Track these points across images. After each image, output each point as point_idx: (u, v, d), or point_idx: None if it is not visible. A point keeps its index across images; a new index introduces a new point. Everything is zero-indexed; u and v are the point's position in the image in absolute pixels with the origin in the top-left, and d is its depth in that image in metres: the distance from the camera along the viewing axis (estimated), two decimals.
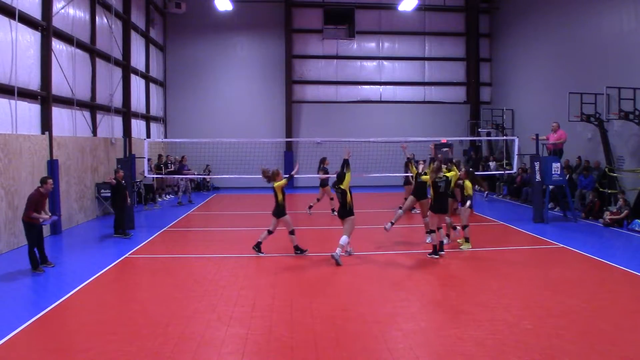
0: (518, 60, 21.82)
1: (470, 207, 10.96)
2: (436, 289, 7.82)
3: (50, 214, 9.20)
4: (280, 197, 9.87)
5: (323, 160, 14.93)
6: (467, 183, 10.59)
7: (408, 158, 12.17)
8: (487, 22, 24.62)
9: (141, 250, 10.69)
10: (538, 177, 13.78)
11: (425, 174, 10.49)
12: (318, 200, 14.81)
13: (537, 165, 13.83)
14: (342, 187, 9.45)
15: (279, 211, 9.89)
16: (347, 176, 9.49)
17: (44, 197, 8.89)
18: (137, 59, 19.47)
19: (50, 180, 8.96)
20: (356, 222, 9.69)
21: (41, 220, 8.80)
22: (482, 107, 24.16)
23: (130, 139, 15.57)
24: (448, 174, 10.16)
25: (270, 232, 10.04)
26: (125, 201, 12.07)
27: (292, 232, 10.00)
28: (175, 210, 16.63)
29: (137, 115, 19.67)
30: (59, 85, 13.10)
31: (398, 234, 12.22)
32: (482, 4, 24.25)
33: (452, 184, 10.59)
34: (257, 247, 10.01)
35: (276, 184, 9.91)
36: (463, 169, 11.30)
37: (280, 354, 5.49)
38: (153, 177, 16.99)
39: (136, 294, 7.77)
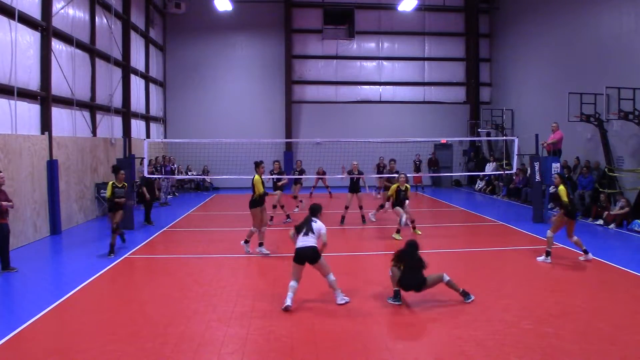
0: (518, 60, 21.83)
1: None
2: (436, 289, 7.80)
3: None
4: None
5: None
6: (562, 188, 9.41)
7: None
8: (486, 22, 24.63)
9: (141, 250, 10.69)
10: (538, 177, 13.78)
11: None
12: (282, 207, 13.91)
13: (536, 165, 13.83)
14: None
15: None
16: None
17: (3, 192, 8.82)
18: (137, 59, 19.47)
19: (2, 174, 8.89)
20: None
21: (9, 205, 8.79)
22: (481, 107, 24.17)
23: (130, 139, 15.57)
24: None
25: None
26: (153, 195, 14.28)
27: None
28: (175, 210, 16.64)
29: (136, 116, 19.67)
30: (59, 86, 13.10)
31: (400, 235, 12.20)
32: (481, 4, 24.26)
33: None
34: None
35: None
36: (556, 175, 10.03)
37: (280, 354, 5.49)
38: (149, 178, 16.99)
39: (136, 294, 7.77)
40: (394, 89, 24.57)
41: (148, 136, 21.10)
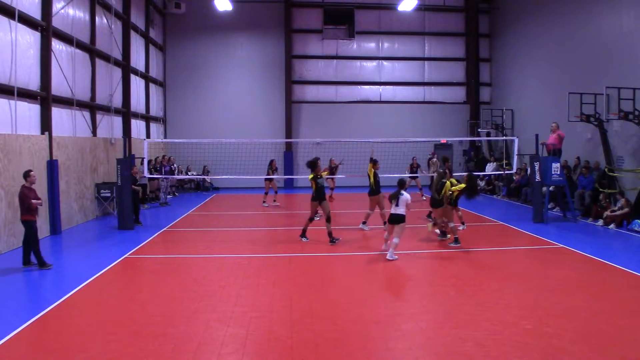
0: (518, 60, 21.82)
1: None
2: (436, 289, 7.82)
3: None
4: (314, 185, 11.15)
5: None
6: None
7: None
8: (486, 22, 24.62)
9: (141, 250, 10.68)
10: (538, 177, 13.78)
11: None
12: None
13: (536, 165, 13.83)
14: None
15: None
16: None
17: (32, 190, 9.08)
18: (137, 59, 19.47)
19: (33, 173, 9.20)
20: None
21: (39, 203, 9.06)
22: (481, 107, 24.18)
23: (130, 139, 15.54)
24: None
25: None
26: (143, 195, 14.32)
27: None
28: (175, 210, 16.64)
29: (136, 116, 19.67)
30: (59, 86, 13.09)
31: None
32: (481, 4, 24.26)
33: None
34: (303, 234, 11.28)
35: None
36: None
37: (280, 354, 5.49)
38: (148, 178, 16.99)
39: (136, 294, 7.77)
40: (394, 89, 24.57)
41: (148, 136, 21.10)
